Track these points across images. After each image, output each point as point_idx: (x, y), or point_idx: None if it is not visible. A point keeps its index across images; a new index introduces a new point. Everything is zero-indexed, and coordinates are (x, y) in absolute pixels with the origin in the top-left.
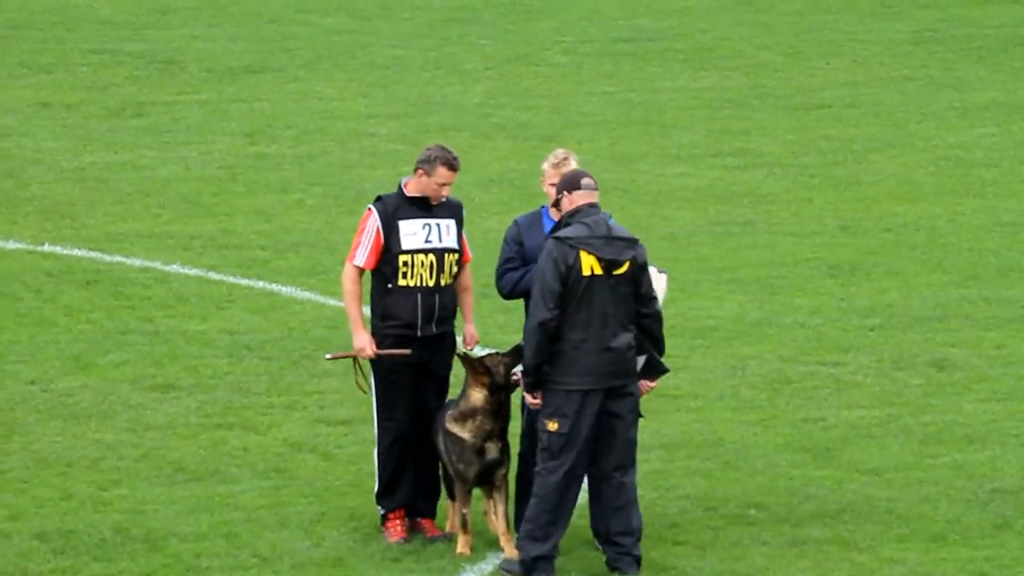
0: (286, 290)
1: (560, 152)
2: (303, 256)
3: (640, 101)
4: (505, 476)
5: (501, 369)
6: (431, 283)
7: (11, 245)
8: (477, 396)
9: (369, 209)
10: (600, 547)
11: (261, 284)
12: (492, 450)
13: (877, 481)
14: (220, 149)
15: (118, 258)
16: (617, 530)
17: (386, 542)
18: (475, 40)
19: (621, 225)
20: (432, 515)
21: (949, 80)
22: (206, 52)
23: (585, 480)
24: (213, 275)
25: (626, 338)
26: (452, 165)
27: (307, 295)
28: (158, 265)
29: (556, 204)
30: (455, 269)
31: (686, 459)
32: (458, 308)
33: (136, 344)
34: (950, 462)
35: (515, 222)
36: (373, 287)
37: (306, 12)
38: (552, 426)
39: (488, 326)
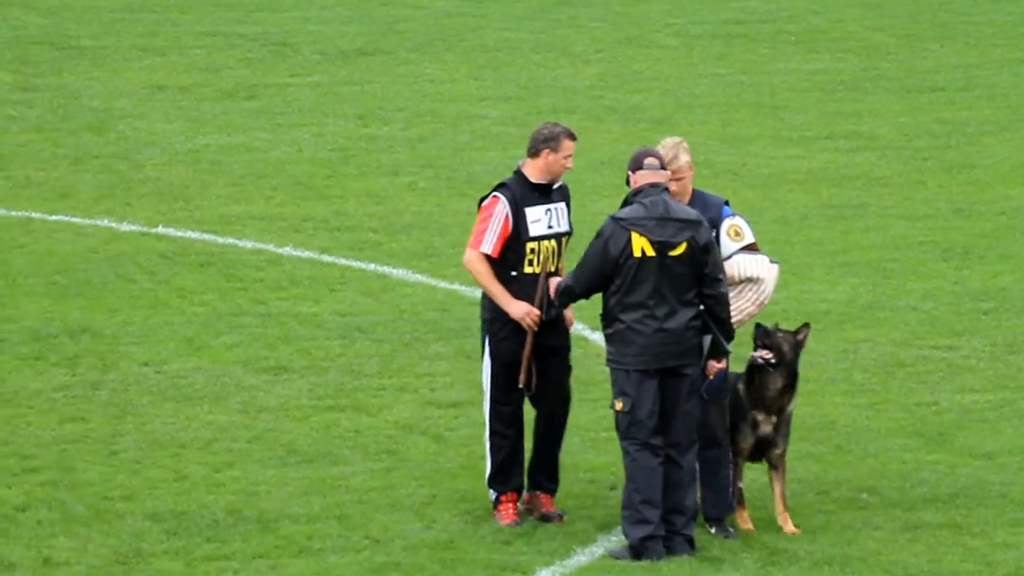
0: (397, 272)
1: (669, 144)
2: (414, 238)
3: (751, 83)
4: (781, 456)
5: (785, 347)
6: (552, 268)
7: (126, 227)
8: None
9: (496, 196)
10: (712, 530)
11: (373, 266)
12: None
13: (990, 465)
14: (332, 131)
15: (231, 240)
16: (669, 507)
17: (497, 525)
18: (586, 23)
19: (686, 207)
20: (552, 492)
21: None
22: (318, 34)
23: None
24: (325, 257)
25: (683, 319)
26: (573, 135)
27: (418, 277)
28: (271, 247)
29: (627, 182)
30: (566, 251)
31: (798, 442)
32: None
33: (249, 326)
34: None
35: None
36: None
37: None
38: (618, 405)
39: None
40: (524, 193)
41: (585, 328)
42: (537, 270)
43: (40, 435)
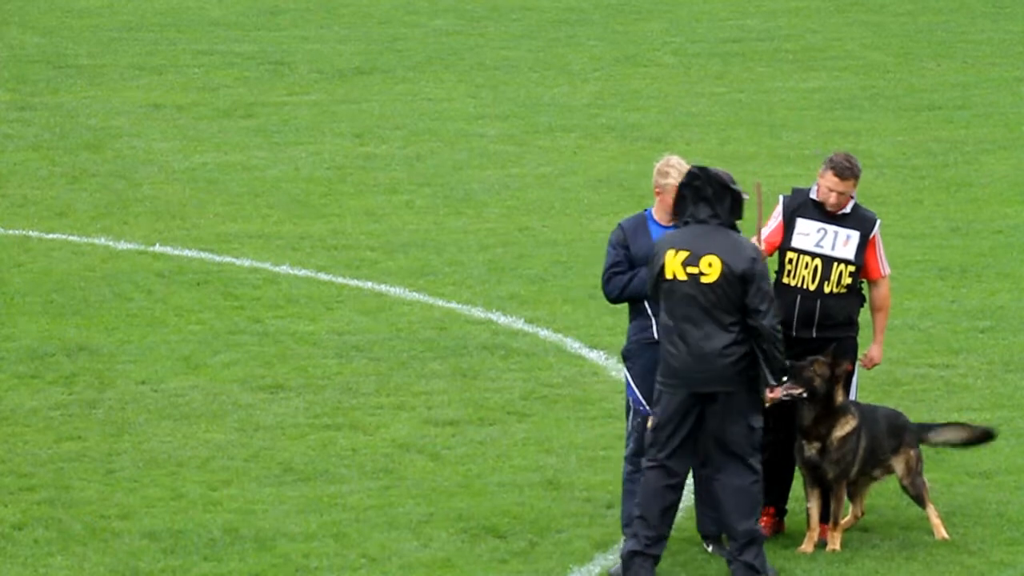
0: (394, 291)
1: (670, 163)
2: (412, 257)
3: (749, 102)
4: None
5: (817, 382)
6: (812, 287)
7: (122, 246)
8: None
9: (781, 198)
10: (708, 548)
11: (370, 285)
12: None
13: (987, 484)
14: (329, 150)
15: (228, 259)
16: (725, 532)
17: (495, 543)
18: (584, 41)
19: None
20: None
21: None
22: (316, 53)
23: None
24: (322, 276)
25: (718, 344)
26: (838, 171)
27: (415, 296)
28: (268, 266)
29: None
30: (847, 280)
31: None
32: (849, 319)
33: (246, 344)
34: None
35: (620, 226)
36: None
37: (415, 13)
38: (649, 422)
39: (597, 328)
40: (805, 203)
41: (583, 347)
42: (793, 282)
43: (37, 453)
